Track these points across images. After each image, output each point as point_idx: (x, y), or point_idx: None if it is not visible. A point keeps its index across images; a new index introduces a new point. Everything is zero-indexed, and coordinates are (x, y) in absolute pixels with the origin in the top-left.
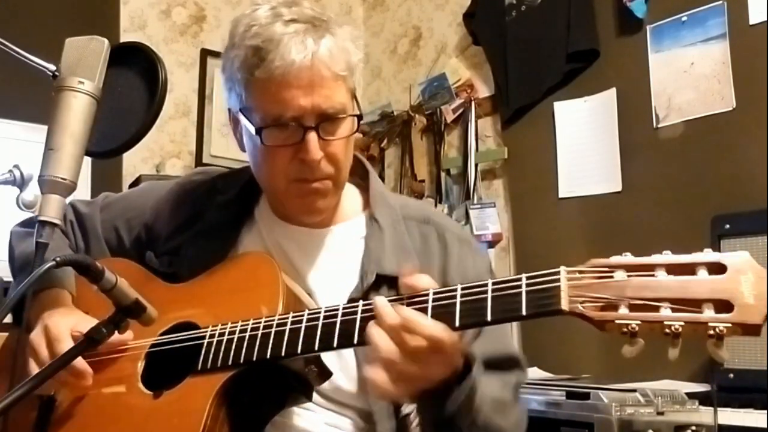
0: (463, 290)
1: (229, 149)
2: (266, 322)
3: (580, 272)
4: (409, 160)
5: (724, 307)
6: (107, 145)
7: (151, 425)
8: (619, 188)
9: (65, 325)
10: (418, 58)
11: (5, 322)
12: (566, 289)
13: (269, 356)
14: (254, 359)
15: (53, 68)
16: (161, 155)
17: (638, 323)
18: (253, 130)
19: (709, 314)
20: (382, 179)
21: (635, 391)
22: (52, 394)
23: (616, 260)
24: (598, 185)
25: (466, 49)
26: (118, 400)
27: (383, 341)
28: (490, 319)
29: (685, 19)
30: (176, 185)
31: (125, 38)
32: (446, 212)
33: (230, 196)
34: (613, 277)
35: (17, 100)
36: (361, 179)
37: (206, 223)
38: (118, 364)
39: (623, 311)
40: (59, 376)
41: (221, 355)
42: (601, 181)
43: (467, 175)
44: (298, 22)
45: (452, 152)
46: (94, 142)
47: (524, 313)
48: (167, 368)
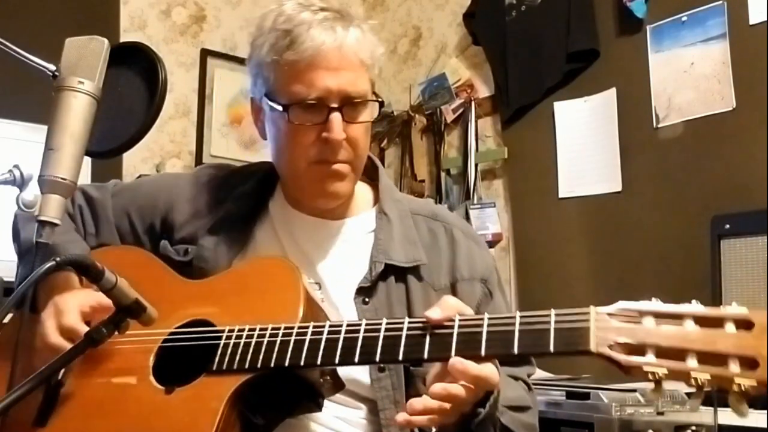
0: (490, 320)
1: (229, 149)
2: (286, 329)
3: (608, 314)
4: (409, 160)
5: (749, 364)
6: (107, 145)
7: (160, 421)
8: (619, 188)
9: (74, 300)
10: (418, 58)
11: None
12: (595, 330)
13: (288, 364)
14: (272, 365)
15: (53, 68)
16: (161, 155)
17: (665, 372)
18: (280, 108)
19: (735, 371)
20: None
21: (635, 391)
22: (59, 378)
23: (645, 306)
24: (598, 185)
25: (466, 49)
26: (127, 390)
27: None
28: (516, 352)
29: (685, 19)
30: (192, 176)
31: (125, 38)
32: None
33: (248, 188)
34: (641, 322)
35: (17, 100)
36: (371, 177)
37: (224, 213)
38: (129, 354)
39: (650, 358)
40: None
41: (238, 357)
42: (601, 181)
43: (467, 175)
44: (327, 11)
45: (452, 152)
46: (94, 142)
47: (552, 350)
48: (179, 364)
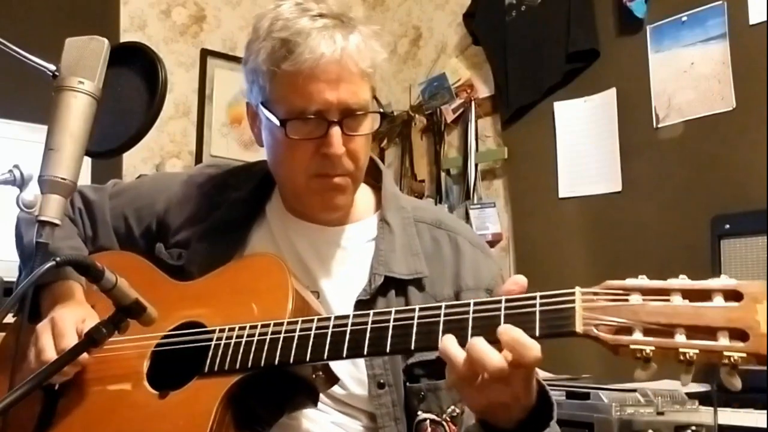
0: (475, 305)
1: (229, 149)
2: (275, 327)
3: (594, 294)
4: (409, 160)
5: (739, 335)
6: (107, 145)
7: (155, 426)
8: (619, 188)
9: (71, 319)
10: (418, 58)
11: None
12: (581, 311)
13: (277, 362)
14: (262, 364)
15: (53, 68)
16: (161, 155)
17: (652, 349)
18: (277, 122)
19: (724, 343)
20: None
21: (635, 391)
22: (55, 388)
23: (631, 283)
24: (598, 185)
25: (466, 49)
26: (122, 397)
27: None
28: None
29: (685, 19)
30: (189, 177)
31: (125, 38)
32: None
33: (243, 193)
34: (628, 300)
35: (17, 100)
36: (374, 180)
37: (218, 219)
38: (124, 360)
39: (638, 336)
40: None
41: (228, 358)
42: (601, 181)
43: (467, 175)
44: (326, 17)
45: (452, 152)
46: (94, 142)
47: (537, 333)
48: (173, 367)
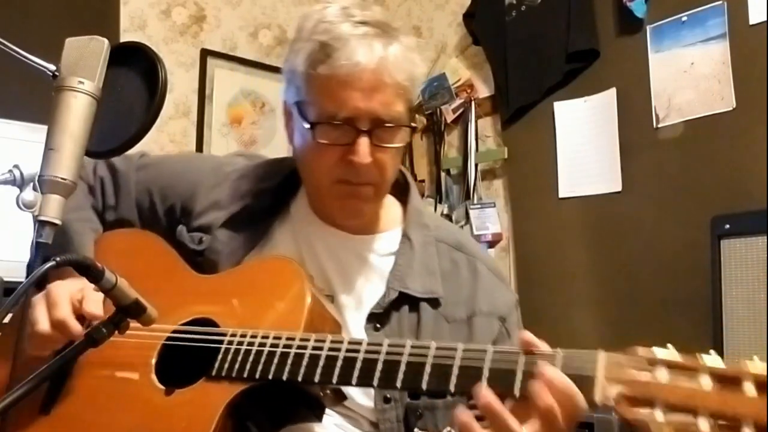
0: (495, 353)
1: (229, 149)
2: (287, 340)
3: (618, 363)
4: (409, 160)
5: (764, 430)
6: (107, 145)
7: (157, 423)
8: (619, 188)
9: (66, 290)
10: None
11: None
12: (602, 380)
13: (285, 378)
14: (270, 378)
15: (53, 68)
16: None
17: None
18: (306, 124)
19: None
20: None
21: None
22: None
23: (660, 355)
24: (598, 185)
25: (466, 49)
26: (129, 386)
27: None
28: (517, 394)
29: (685, 19)
30: (219, 163)
31: (125, 38)
32: (446, 212)
33: (271, 185)
34: (653, 373)
35: (17, 100)
36: (403, 194)
37: (243, 208)
38: (135, 348)
39: (659, 416)
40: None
41: (237, 365)
42: (601, 181)
43: (467, 175)
44: (368, 25)
45: (452, 152)
46: (94, 142)
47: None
48: (183, 360)
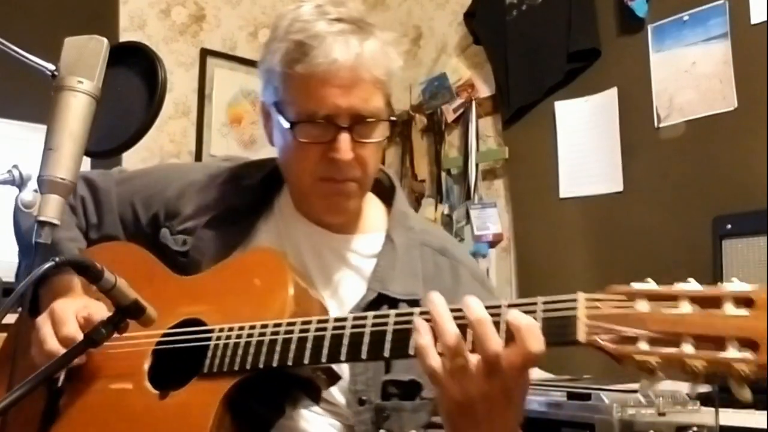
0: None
1: (229, 149)
2: (273, 327)
3: (598, 300)
4: (409, 160)
5: (749, 345)
6: (107, 145)
7: (154, 427)
8: (620, 188)
9: (71, 307)
10: (418, 57)
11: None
12: (584, 319)
13: (276, 364)
14: (261, 366)
15: (52, 68)
16: (161, 155)
17: (658, 360)
18: (286, 124)
19: (732, 354)
20: None
21: (636, 391)
22: (58, 384)
23: (638, 288)
24: (599, 185)
25: (466, 48)
26: (124, 396)
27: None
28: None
29: (686, 18)
30: (204, 168)
31: (125, 38)
32: (447, 212)
33: (253, 182)
34: (633, 306)
35: (17, 99)
36: (388, 197)
37: (226, 206)
38: (126, 358)
39: (643, 346)
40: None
41: (227, 359)
42: (602, 181)
43: (468, 175)
44: (343, 21)
45: (453, 152)
46: (93, 142)
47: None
48: (174, 364)
